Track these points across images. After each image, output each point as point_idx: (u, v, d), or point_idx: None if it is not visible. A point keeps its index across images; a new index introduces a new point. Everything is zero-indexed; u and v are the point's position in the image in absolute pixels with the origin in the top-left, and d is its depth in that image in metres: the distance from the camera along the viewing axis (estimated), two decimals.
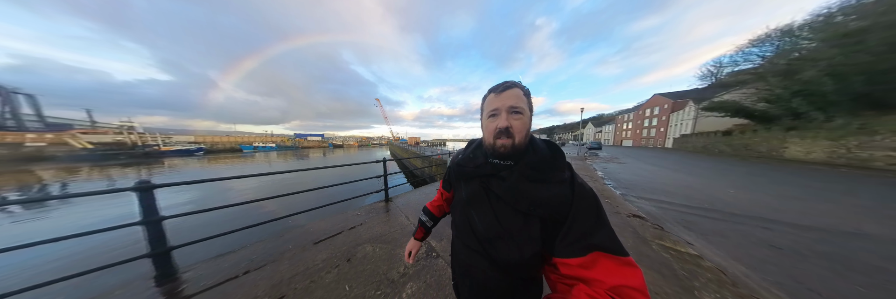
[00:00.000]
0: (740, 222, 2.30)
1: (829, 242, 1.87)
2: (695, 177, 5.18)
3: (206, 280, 1.22)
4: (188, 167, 15.90)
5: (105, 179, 11.90)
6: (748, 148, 11.67)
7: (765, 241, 1.87)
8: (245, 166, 16.49)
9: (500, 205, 0.44)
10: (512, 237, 0.42)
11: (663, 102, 29.53)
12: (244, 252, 1.51)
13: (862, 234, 2.04)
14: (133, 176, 12.61)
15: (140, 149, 27.35)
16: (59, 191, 9.33)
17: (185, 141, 34.71)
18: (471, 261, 0.48)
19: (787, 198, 3.29)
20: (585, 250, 0.36)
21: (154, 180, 1.19)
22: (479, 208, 0.46)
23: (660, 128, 29.14)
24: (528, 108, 0.42)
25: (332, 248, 1.55)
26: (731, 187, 4.01)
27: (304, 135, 59.71)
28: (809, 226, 2.19)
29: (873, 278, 1.42)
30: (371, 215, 2.18)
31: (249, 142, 42.06)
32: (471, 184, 0.48)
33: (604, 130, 49.80)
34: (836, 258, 1.64)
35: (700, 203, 3.01)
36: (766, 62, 10.82)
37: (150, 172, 13.71)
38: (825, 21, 8.37)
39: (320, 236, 1.74)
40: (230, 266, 1.35)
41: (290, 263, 1.38)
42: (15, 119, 29.34)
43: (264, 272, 1.29)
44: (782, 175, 5.34)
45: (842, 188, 3.96)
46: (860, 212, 2.62)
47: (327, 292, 1.11)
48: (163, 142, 30.39)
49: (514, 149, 0.42)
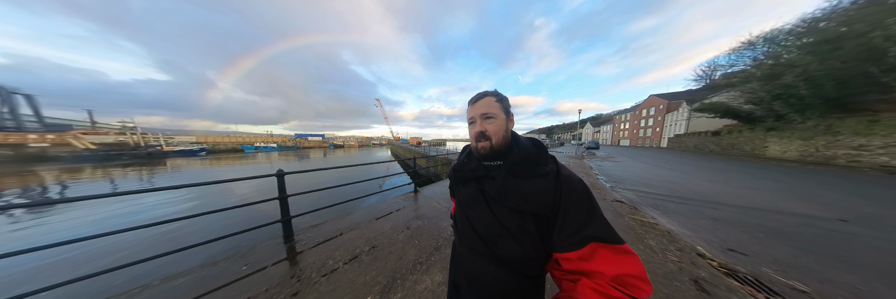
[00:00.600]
0: (698, 205, 2.93)
1: (753, 216, 2.51)
2: (678, 173, 5.82)
3: (317, 238, 1.79)
4: (190, 168, 15.89)
5: (122, 178, 12.28)
6: (734, 147, 12.44)
7: (709, 216, 2.50)
8: (248, 166, 16.60)
9: (496, 203, 0.46)
10: (511, 234, 0.43)
11: (659, 103, 30.26)
12: (328, 224, 2.08)
13: (781, 211, 2.69)
14: (134, 176, 12.97)
15: (143, 149, 27.36)
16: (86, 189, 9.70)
17: (186, 141, 34.78)
18: (476, 265, 0.48)
19: (745, 188, 3.94)
20: (583, 242, 0.37)
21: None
22: (477, 209, 0.48)
23: (655, 128, 29.81)
24: (502, 112, 0.46)
25: (392, 222, 2.12)
26: (706, 181, 4.65)
27: (305, 136, 59.70)
28: (748, 207, 2.83)
29: (765, 235, 2.05)
30: (407, 202, 2.75)
31: (251, 143, 42.12)
32: (467, 186, 0.51)
33: (602, 130, 50.41)
34: (751, 224, 2.28)
35: (673, 192, 3.65)
36: (751, 66, 11.53)
37: (152, 173, 13.60)
38: (808, 27, 8.99)
39: (377, 215, 2.31)
40: (326, 232, 1.92)
41: (367, 230, 1.95)
42: (14, 120, 29.06)
43: (353, 234, 1.86)
44: (755, 171, 6.01)
45: (796, 182, 4.63)
46: (795, 198, 3.26)
47: (405, 244, 1.68)
48: (165, 142, 30.48)
49: (494, 149, 0.46)
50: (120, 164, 18.51)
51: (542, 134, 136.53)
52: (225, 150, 36.57)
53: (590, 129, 60.58)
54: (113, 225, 4.63)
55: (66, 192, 9.33)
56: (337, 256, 1.50)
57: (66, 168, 16.89)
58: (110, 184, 10.52)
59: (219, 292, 1.16)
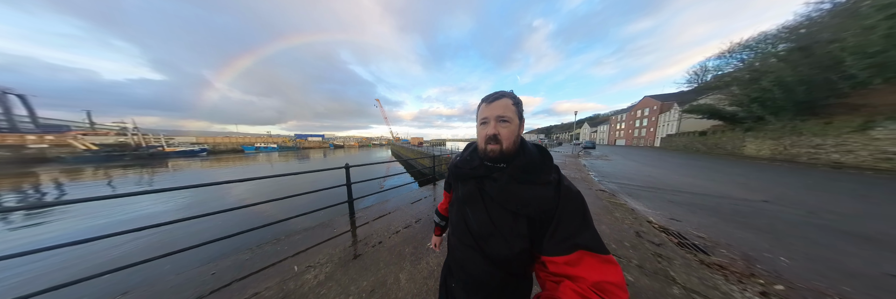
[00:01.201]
0: (665, 192, 3.64)
1: (702, 200, 3.22)
2: (659, 169, 6.54)
3: (370, 217, 2.41)
4: (191, 168, 16.00)
5: (137, 178, 12.59)
6: (718, 146, 13.34)
7: (669, 200, 3.20)
8: (249, 167, 16.64)
9: (493, 204, 0.47)
10: (502, 234, 0.45)
11: (652, 104, 31.23)
12: (373, 208, 2.70)
13: (726, 196, 3.40)
14: (133, 177, 13.24)
15: (144, 150, 27.31)
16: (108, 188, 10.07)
17: (186, 141, 34.73)
18: (466, 256, 0.51)
19: (709, 180, 4.67)
20: (571, 249, 0.39)
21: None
22: (473, 207, 0.50)
23: (650, 128, 30.65)
24: (517, 116, 0.46)
25: (424, 206, 2.73)
26: (682, 176, 5.37)
27: (305, 136, 59.41)
28: (702, 194, 3.54)
29: (703, 210, 2.75)
30: (428, 192, 3.37)
31: (252, 143, 42.11)
32: (467, 184, 0.52)
33: (599, 130, 51.31)
34: (697, 205, 2.99)
35: (649, 184, 4.35)
36: (735, 70, 12.40)
37: (153, 174, 13.69)
38: (788, 33, 9.70)
39: (412, 200, 2.92)
40: (373, 213, 2.54)
41: (408, 212, 2.56)
42: (8, 120, 28.68)
43: (396, 215, 2.48)
44: (729, 168, 6.76)
45: (757, 175, 5.38)
46: (744, 188, 3.96)
47: None
48: (166, 143, 30.48)
49: (502, 153, 0.46)
50: (121, 165, 18.35)
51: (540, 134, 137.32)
52: (225, 151, 36.60)
53: (587, 129, 61.63)
54: (198, 211, 5.27)
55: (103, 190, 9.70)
56: (383, 231, 2.01)
57: (70, 169, 16.76)
58: (140, 182, 10.90)
59: (322, 246, 1.76)
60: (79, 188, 10.17)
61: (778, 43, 10.06)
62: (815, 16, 9.16)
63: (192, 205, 6.67)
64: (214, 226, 4.03)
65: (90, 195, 1.09)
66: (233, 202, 5.98)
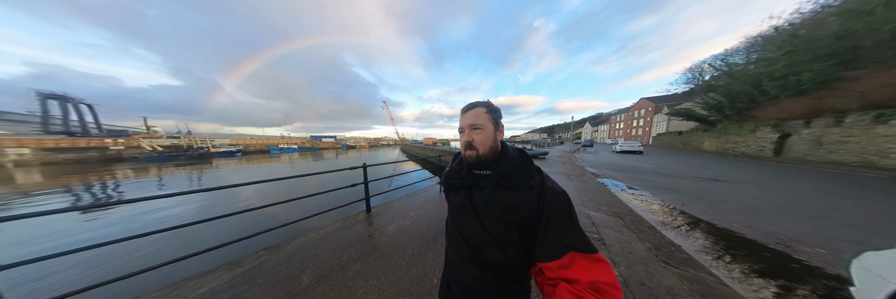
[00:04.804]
0: (628, 172, 6.57)
1: (656, 176, 6.11)
2: (634, 161, 9.44)
3: (387, 213, 2.48)
4: (231, 166, 16.93)
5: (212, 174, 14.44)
6: (688, 143, 16.49)
7: (632, 176, 6.07)
8: (273, 166, 17.45)
9: (484, 213, 0.48)
10: (497, 242, 0.47)
11: (648, 105, 33.82)
12: (395, 202, 2.90)
13: (676, 175, 6.42)
14: (180, 174, 13.78)
15: (194, 150, 31.22)
16: None
17: (224, 143, 38.90)
18: (465, 271, 0.51)
19: (667, 165, 7.66)
20: (562, 252, 0.41)
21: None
22: (466, 218, 0.51)
23: (645, 127, 33.18)
24: (491, 123, 0.49)
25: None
26: (648, 163, 8.26)
27: (320, 137, 62.15)
28: (656, 172, 6.42)
29: (654, 184, 5.64)
30: None
31: (276, 144, 46.01)
32: (458, 195, 0.54)
33: (600, 129, 53.37)
34: (651, 180, 5.78)
35: (621, 168, 7.30)
36: (702, 82, 15.41)
37: (202, 172, 14.12)
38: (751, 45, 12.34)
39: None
40: (395, 207, 2.69)
41: (426, 208, 2.66)
42: (82, 126, 33.20)
43: (411, 210, 2.73)
44: (686, 158, 9.75)
45: (701, 162, 8.36)
46: (691, 167, 6.96)
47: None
48: (210, 144, 34.54)
49: (480, 158, 0.48)
50: (177, 164, 19.91)
51: (543, 133, 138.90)
52: (254, 151, 40.33)
53: (588, 129, 63.84)
54: None
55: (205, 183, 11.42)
56: (397, 221, 2.15)
57: (140, 166, 17.98)
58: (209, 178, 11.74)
59: (346, 232, 2.00)
60: (154, 184, 10.12)
61: (733, 65, 13.15)
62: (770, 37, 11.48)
63: (216, 204, 6.31)
64: (241, 224, 3.86)
65: (163, 192, 1.28)
66: (257, 201, 5.12)
